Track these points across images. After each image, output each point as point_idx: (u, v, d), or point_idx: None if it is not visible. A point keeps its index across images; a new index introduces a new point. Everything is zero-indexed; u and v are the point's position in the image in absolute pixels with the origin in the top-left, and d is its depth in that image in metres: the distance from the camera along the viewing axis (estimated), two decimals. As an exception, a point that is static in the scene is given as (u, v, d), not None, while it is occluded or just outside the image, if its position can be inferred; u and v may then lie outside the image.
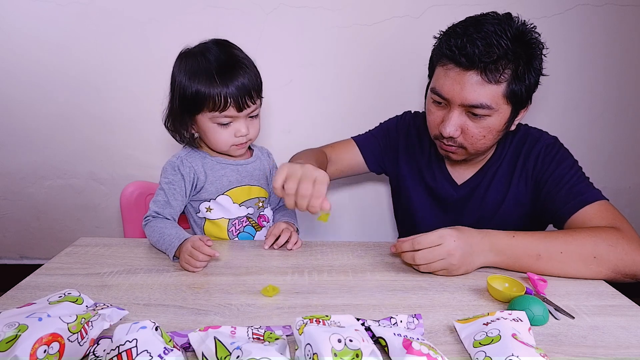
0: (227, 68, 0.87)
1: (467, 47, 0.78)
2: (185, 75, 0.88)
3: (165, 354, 0.45)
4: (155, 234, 0.86)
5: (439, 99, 0.87)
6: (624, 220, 0.82)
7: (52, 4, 1.34)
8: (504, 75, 0.80)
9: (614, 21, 1.41)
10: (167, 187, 0.93)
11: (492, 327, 0.55)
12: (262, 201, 1.02)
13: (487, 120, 0.84)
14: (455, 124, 0.85)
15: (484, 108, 0.82)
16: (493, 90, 0.81)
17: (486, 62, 0.78)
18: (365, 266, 0.81)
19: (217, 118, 0.89)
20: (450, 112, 0.85)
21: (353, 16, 1.38)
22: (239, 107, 0.88)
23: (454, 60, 0.81)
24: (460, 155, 0.92)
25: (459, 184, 1.02)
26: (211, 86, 0.85)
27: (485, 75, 0.79)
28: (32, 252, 1.65)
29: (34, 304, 0.55)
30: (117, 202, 1.38)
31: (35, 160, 1.51)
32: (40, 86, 1.42)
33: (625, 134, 1.53)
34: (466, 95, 0.81)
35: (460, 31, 0.82)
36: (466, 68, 0.80)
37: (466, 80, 0.81)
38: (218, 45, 0.91)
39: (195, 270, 0.77)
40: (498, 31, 0.78)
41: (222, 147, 0.94)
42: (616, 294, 0.72)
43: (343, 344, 0.46)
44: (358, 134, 1.19)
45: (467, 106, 0.83)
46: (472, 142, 0.87)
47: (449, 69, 0.83)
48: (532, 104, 0.89)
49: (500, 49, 0.78)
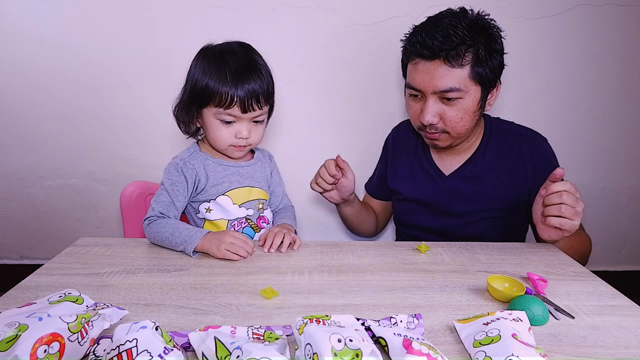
0: (241, 71, 0.88)
1: (427, 40, 0.88)
2: (200, 68, 0.90)
3: (165, 353, 0.45)
4: (164, 232, 0.85)
5: (414, 92, 0.96)
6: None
7: (52, 4, 1.34)
8: (466, 59, 0.89)
9: (614, 21, 1.41)
10: (170, 188, 0.93)
11: (492, 327, 0.55)
12: (262, 203, 1.02)
13: (460, 103, 0.92)
14: (432, 111, 0.93)
15: (454, 91, 0.90)
16: (458, 73, 0.89)
17: (447, 50, 0.88)
18: (365, 266, 0.81)
19: (220, 115, 0.90)
20: (426, 102, 0.94)
21: (353, 16, 1.38)
22: (243, 108, 0.89)
23: (419, 54, 0.91)
24: (445, 141, 0.99)
25: (447, 175, 1.07)
26: (221, 83, 0.87)
27: (448, 61, 0.88)
28: (32, 252, 1.65)
29: (34, 304, 0.55)
30: (117, 202, 1.38)
31: (35, 160, 1.51)
32: (40, 86, 1.42)
33: (625, 134, 1.53)
34: (436, 82, 0.90)
35: (421, 29, 0.92)
36: (430, 58, 0.90)
37: (433, 70, 0.90)
38: (240, 48, 0.92)
39: (246, 255, 0.82)
40: (453, 22, 0.88)
41: (221, 145, 0.94)
42: (616, 294, 0.72)
43: (343, 344, 0.46)
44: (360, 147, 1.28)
45: (439, 92, 0.91)
46: (452, 126, 0.95)
47: (417, 63, 0.93)
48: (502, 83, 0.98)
49: (457, 37, 0.87)
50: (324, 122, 1.49)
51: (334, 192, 1.08)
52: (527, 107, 1.47)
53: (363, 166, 1.33)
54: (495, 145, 1.03)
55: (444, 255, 0.86)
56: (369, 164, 1.31)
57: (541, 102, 1.48)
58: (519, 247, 0.93)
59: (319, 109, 1.48)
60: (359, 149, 1.50)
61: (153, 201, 0.93)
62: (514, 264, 0.83)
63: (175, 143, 1.48)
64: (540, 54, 1.42)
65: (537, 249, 0.92)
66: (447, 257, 0.86)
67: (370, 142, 1.43)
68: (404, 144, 1.16)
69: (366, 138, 1.49)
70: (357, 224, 1.23)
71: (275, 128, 1.49)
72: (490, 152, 1.03)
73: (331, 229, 1.62)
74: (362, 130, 1.49)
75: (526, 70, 1.43)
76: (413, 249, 0.90)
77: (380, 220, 1.30)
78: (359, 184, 1.58)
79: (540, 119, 1.47)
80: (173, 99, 0.96)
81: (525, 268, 0.81)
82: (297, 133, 1.50)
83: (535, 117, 1.47)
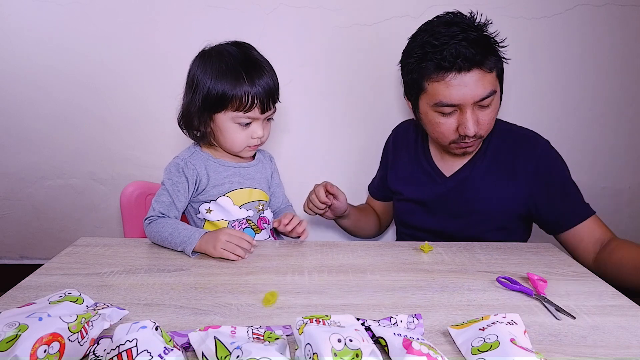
0: (253, 68, 0.88)
1: (461, 51, 0.84)
2: (210, 74, 0.88)
3: (165, 353, 0.45)
4: (164, 232, 0.85)
5: (448, 110, 0.91)
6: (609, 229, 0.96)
7: (52, 4, 1.34)
8: (494, 62, 0.89)
9: (614, 21, 1.41)
10: (171, 189, 0.93)
11: (488, 332, 0.54)
12: (262, 204, 1.02)
13: (493, 105, 0.92)
14: (474, 122, 0.91)
15: (490, 96, 0.89)
16: (492, 77, 0.89)
17: (482, 56, 0.86)
18: (365, 266, 0.81)
19: (239, 118, 0.89)
20: (465, 114, 0.90)
21: (353, 16, 1.38)
22: (262, 108, 0.89)
23: (455, 68, 0.86)
24: (477, 146, 1.01)
25: (448, 176, 1.06)
26: (239, 85, 0.86)
27: (484, 67, 0.87)
28: (32, 252, 1.65)
29: (34, 304, 0.55)
30: (117, 202, 1.38)
31: (35, 160, 1.51)
32: (40, 86, 1.42)
33: (625, 134, 1.53)
34: (477, 92, 0.88)
35: (438, 42, 0.86)
36: (468, 70, 0.86)
37: (471, 81, 0.87)
38: (240, 47, 0.91)
39: (242, 256, 0.81)
40: (466, 29, 0.86)
41: (237, 148, 0.94)
42: (616, 294, 0.72)
43: (343, 344, 0.46)
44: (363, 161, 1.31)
45: (479, 101, 0.89)
46: (487, 129, 0.95)
47: (450, 79, 0.87)
48: (534, 105, 0.99)
49: (481, 40, 0.87)
50: (324, 121, 1.49)
51: (327, 212, 1.11)
52: (527, 107, 1.47)
53: (363, 166, 1.33)
54: (495, 146, 1.03)
55: (444, 255, 0.86)
56: (369, 164, 1.31)
57: (541, 102, 1.47)
58: (519, 247, 0.93)
59: (319, 108, 1.48)
60: (359, 148, 1.50)
61: (154, 201, 0.93)
62: (514, 264, 0.83)
63: (175, 143, 1.48)
64: (540, 54, 1.42)
65: (537, 249, 0.92)
66: (447, 257, 0.86)
67: (370, 142, 1.43)
68: (404, 144, 1.16)
69: (366, 138, 1.49)
70: (356, 231, 1.26)
71: (275, 128, 1.48)
72: (491, 153, 1.03)
73: (331, 229, 1.62)
74: (362, 130, 1.49)
75: (526, 70, 1.43)
76: (414, 248, 0.90)
77: (384, 220, 1.31)
78: (359, 183, 1.58)
79: (540, 119, 1.47)
80: (173, 99, 0.96)
81: (525, 268, 0.81)
82: (297, 133, 1.50)
83: (535, 117, 1.47)
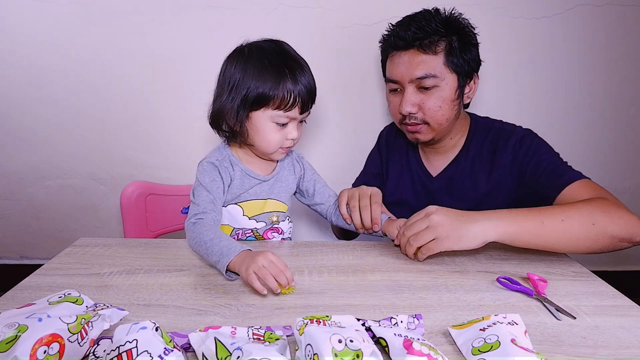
0: (295, 66, 0.85)
1: (401, 32, 0.93)
2: (250, 72, 0.84)
3: (165, 354, 0.45)
4: (207, 235, 0.77)
5: (393, 86, 0.98)
6: (608, 192, 0.85)
7: (52, 4, 1.34)
8: (439, 47, 0.92)
9: (614, 21, 1.41)
10: (210, 186, 0.87)
11: (489, 332, 0.54)
12: (278, 215, 0.98)
13: (438, 91, 0.94)
14: (410, 100, 0.95)
15: (430, 77, 0.92)
16: (433, 60, 0.92)
17: (420, 39, 0.91)
18: (365, 266, 0.81)
19: (278, 117, 0.86)
20: (404, 92, 0.96)
21: (353, 16, 1.38)
22: (302, 107, 0.86)
23: (395, 46, 0.95)
24: (426, 134, 0.99)
25: (434, 176, 1.07)
26: (283, 83, 0.83)
27: (422, 49, 0.92)
28: (32, 252, 1.65)
29: (33, 305, 0.55)
30: (117, 202, 1.38)
31: (35, 160, 1.51)
32: (40, 86, 1.42)
33: (625, 134, 1.53)
34: (412, 70, 0.93)
35: (396, 25, 0.98)
36: (405, 48, 0.93)
37: (408, 59, 0.93)
38: (278, 44, 0.89)
39: (273, 289, 0.67)
40: (427, 16, 0.93)
41: (271, 148, 0.90)
42: (616, 294, 0.72)
43: (343, 345, 0.46)
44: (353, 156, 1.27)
45: (416, 80, 0.93)
46: (432, 115, 0.95)
47: (393, 56, 0.97)
48: (479, 78, 1.01)
49: (430, 27, 0.91)
50: (323, 121, 1.49)
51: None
52: (527, 107, 1.47)
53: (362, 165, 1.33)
54: (478, 144, 1.03)
55: (444, 255, 0.86)
56: (369, 164, 1.31)
57: (541, 102, 1.47)
58: (519, 247, 0.93)
59: (318, 108, 1.48)
60: (358, 148, 1.50)
61: (193, 201, 0.87)
62: (514, 264, 0.83)
63: (175, 144, 1.48)
64: (540, 54, 1.42)
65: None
66: (447, 257, 0.86)
67: (369, 142, 1.43)
68: (396, 144, 1.17)
69: (365, 138, 1.48)
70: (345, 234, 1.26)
71: (275, 128, 1.49)
72: (473, 151, 1.03)
73: (331, 229, 1.62)
74: (362, 129, 1.49)
75: (526, 70, 1.43)
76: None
77: None
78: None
79: (540, 119, 1.47)
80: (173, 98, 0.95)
81: (525, 268, 0.81)
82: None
83: (535, 117, 1.47)
